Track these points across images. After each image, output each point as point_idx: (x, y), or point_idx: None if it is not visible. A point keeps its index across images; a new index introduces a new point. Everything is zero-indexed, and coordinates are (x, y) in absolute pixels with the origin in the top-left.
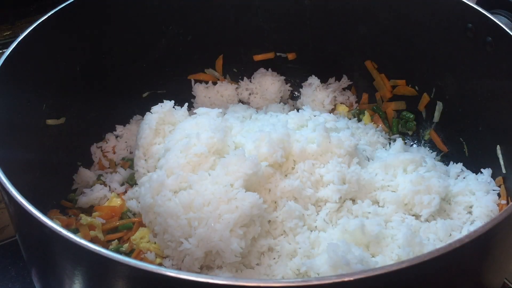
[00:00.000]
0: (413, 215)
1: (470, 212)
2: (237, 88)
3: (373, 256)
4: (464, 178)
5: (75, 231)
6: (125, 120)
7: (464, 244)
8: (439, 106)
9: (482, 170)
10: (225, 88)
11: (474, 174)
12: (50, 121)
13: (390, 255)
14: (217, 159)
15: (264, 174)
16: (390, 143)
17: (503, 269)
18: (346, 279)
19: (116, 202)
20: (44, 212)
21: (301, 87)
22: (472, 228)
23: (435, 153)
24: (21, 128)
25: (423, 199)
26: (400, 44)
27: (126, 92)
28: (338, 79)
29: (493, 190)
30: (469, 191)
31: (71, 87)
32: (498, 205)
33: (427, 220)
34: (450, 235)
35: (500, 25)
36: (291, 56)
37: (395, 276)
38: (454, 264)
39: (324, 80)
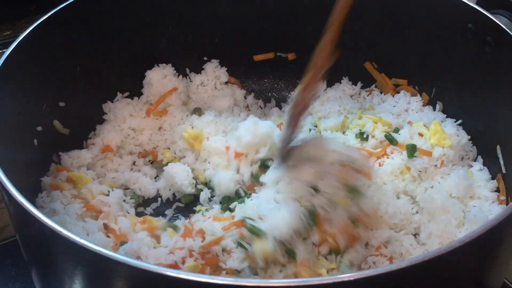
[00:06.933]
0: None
1: (468, 212)
2: (245, 95)
3: None
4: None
5: None
6: None
7: (464, 244)
8: (439, 106)
9: (481, 168)
10: (233, 92)
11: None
12: (56, 122)
13: None
14: None
15: None
16: None
17: (503, 269)
18: (346, 279)
19: None
20: None
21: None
22: (471, 228)
23: None
24: (21, 128)
25: None
26: (400, 44)
27: (126, 92)
28: (339, 81)
29: (493, 191)
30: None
31: (71, 87)
32: (498, 201)
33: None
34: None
35: (500, 25)
36: (291, 56)
37: (395, 276)
38: (454, 264)
39: (329, 82)
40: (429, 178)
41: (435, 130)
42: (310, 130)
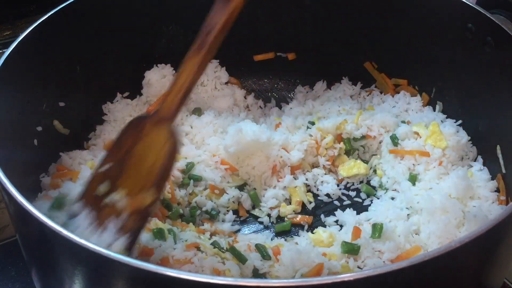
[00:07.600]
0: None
1: (468, 212)
2: (245, 95)
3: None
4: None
5: None
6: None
7: (464, 244)
8: (439, 106)
9: (481, 169)
10: (233, 92)
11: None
12: (56, 122)
13: None
14: None
15: None
16: None
17: (503, 269)
18: (346, 279)
19: None
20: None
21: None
22: (471, 228)
23: None
24: (21, 128)
25: None
26: (400, 44)
27: (126, 92)
28: (339, 81)
29: (493, 191)
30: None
31: (71, 87)
32: (497, 201)
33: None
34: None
35: (500, 25)
36: (291, 56)
37: (395, 276)
38: (454, 264)
39: (329, 82)
40: (428, 178)
41: (433, 131)
42: (308, 128)
